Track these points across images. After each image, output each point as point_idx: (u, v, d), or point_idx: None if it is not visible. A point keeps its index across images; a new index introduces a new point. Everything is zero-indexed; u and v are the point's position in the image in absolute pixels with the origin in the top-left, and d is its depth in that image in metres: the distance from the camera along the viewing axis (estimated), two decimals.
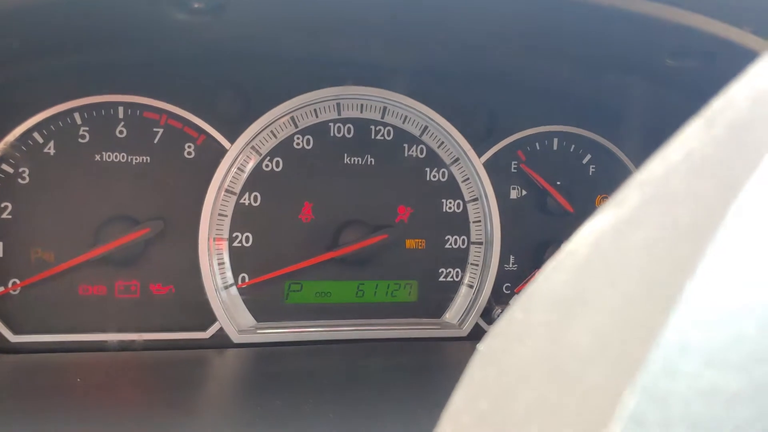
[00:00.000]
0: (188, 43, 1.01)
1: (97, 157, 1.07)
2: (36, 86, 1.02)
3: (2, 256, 1.03)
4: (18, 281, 1.04)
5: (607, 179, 1.32)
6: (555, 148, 1.30)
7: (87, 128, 1.06)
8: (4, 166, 1.02)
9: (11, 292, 1.03)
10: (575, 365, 0.25)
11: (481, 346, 0.32)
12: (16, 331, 1.03)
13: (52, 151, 1.04)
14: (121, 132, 1.08)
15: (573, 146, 1.30)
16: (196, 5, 0.72)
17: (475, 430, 0.28)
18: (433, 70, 1.18)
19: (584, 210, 1.30)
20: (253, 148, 1.13)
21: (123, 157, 1.08)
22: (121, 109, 1.07)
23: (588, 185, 1.31)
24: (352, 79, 1.16)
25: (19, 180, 1.03)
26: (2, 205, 1.03)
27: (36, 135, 1.04)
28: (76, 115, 1.05)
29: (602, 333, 0.25)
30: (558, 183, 1.28)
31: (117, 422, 0.81)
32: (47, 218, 1.05)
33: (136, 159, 1.08)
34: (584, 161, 1.31)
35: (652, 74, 1.08)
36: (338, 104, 1.17)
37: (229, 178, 1.12)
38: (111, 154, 1.07)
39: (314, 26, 1.00)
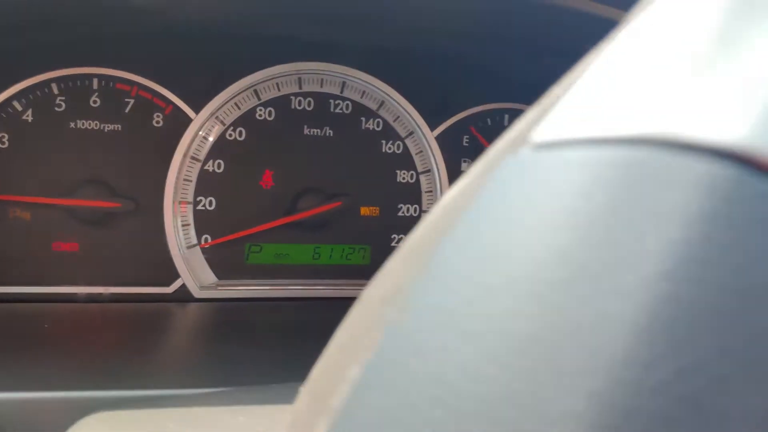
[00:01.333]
0: (155, 21, 1.09)
1: (72, 125, 1.16)
2: (15, 58, 1.11)
3: None
4: None
5: None
6: (506, 123, 1.38)
7: (63, 98, 1.15)
8: None
9: None
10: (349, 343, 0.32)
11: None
12: None
13: (30, 119, 1.13)
14: (95, 102, 1.16)
15: None
16: None
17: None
18: (391, 49, 1.26)
19: None
20: (217, 118, 1.22)
21: (96, 124, 1.17)
22: (95, 81, 1.16)
23: None
24: (312, 54, 1.24)
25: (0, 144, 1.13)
26: None
27: (15, 103, 1.13)
28: (53, 86, 1.14)
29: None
30: None
31: (82, 364, 0.91)
32: (25, 179, 1.14)
33: (108, 127, 1.17)
34: None
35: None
36: (299, 79, 1.25)
37: (194, 145, 1.21)
38: (85, 122, 1.16)
39: (271, 6, 1.08)
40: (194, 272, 1.23)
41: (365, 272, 1.33)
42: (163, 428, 0.70)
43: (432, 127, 1.32)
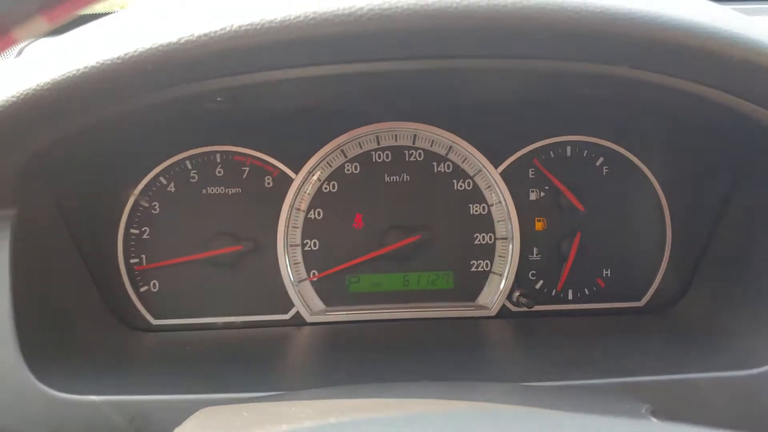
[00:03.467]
0: (259, 108, 1.38)
1: (204, 191, 1.49)
2: (159, 145, 1.46)
3: (145, 264, 1.49)
4: (157, 282, 1.49)
5: (620, 178, 1.53)
6: (568, 154, 1.54)
7: (195, 171, 1.49)
8: (143, 202, 1.48)
9: (152, 289, 1.49)
10: None
11: None
12: (155, 316, 1.48)
13: (172, 189, 1.48)
14: (219, 172, 1.49)
15: (585, 152, 1.53)
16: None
17: None
18: (453, 103, 1.47)
19: (597, 205, 1.53)
20: (313, 175, 1.50)
21: (221, 189, 1.49)
22: (218, 156, 1.49)
23: (602, 184, 1.54)
24: (386, 115, 1.49)
25: (153, 211, 1.48)
26: (143, 228, 1.48)
27: (161, 178, 1.48)
28: (187, 162, 1.48)
29: None
30: (570, 183, 1.51)
31: (229, 375, 1.20)
32: (172, 234, 1.48)
33: (231, 190, 1.49)
34: (597, 164, 1.54)
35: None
36: (377, 137, 1.51)
37: (297, 199, 1.50)
38: (213, 188, 1.49)
39: (352, 86, 1.33)
40: (305, 301, 1.51)
41: (450, 295, 1.54)
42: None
43: (496, 165, 1.51)
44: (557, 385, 1.09)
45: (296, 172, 1.49)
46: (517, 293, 1.52)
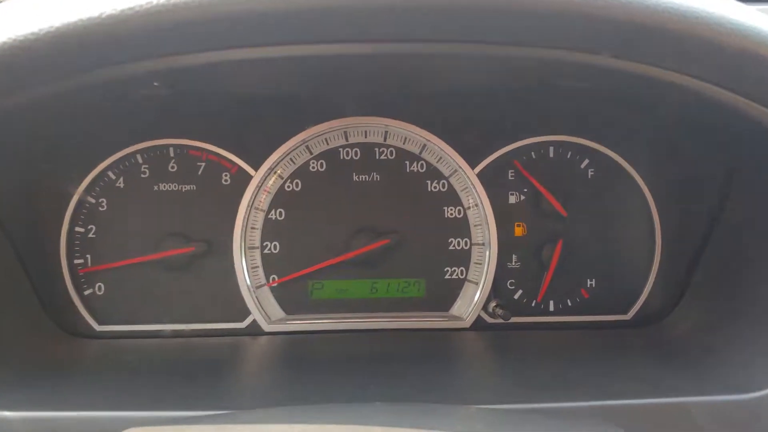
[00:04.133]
0: (217, 96, 1.27)
1: (155, 188, 1.37)
2: (107, 136, 1.35)
3: (90, 265, 1.37)
4: (103, 285, 1.38)
5: (607, 182, 1.43)
6: (551, 155, 1.43)
7: (147, 166, 1.37)
8: (89, 198, 1.36)
9: (97, 292, 1.37)
10: None
11: None
12: (100, 322, 1.37)
13: (122, 185, 1.37)
14: (172, 167, 1.37)
15: (569, 153, 1.42)
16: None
17: None
18: (427, 96, 1.36)
19: (582, 210, 1.42)
20: (275, 172, 1.38)
21: (175, 186, 1.37)
22: (171, 149, 1.37)
23: (587, 188, 1.43)
24: (356, 109, 1.37)
25: (99, 208, 1.36)
26: (88, 227, 1.36)
27: (110, 173, 1.36)
28: (138, 156, 1.37)
29: None
30: (552, 187, 1.40)
31: (171, 390, 1.08)
32: (120, 234, 1.37)
33: (185, 187, 1.38)
34: (582, 166, 1.43)
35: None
36: (345, 132, 1.39)
37: (257, 198, 1.38)
38: (166, 184, 1.37)
39: (316, 72, 1.22)
40: (263, 309, 1.39)
41: (421, 304, 1.43)
42: None
43: (473, 165, 1.40)
44: (529, 408, 0.98)
45: (256, 168, 1.38)
46: (493, 303, 1.40)
